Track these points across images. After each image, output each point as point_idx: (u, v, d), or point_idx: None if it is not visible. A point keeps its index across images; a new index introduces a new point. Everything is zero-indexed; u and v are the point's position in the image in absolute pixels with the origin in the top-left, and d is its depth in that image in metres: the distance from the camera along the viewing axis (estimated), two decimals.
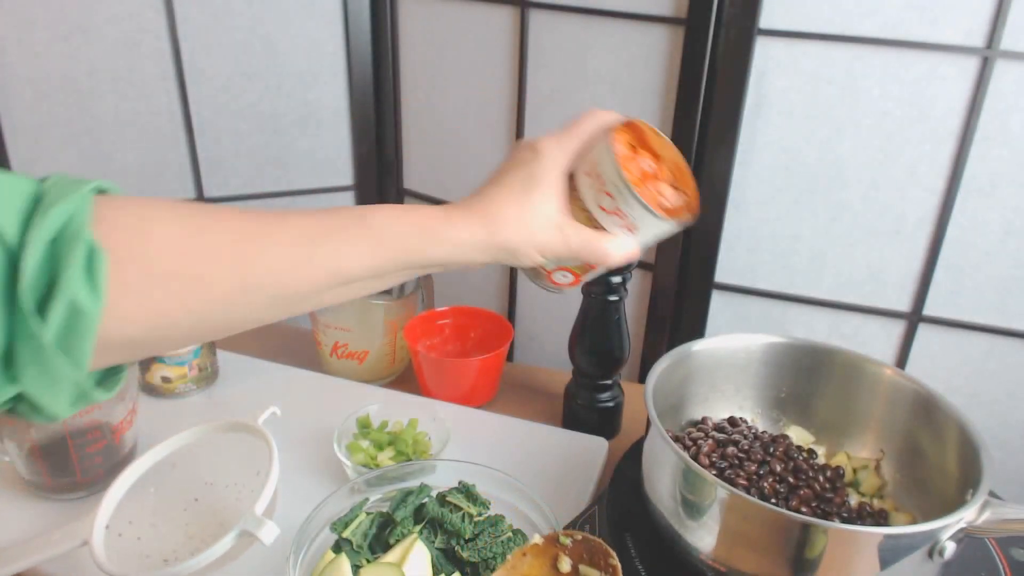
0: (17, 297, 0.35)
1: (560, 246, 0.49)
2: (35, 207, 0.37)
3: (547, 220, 0.49)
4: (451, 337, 0.94)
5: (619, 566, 0.48)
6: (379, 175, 1.21)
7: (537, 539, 0.51)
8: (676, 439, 0.65)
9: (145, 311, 0.40)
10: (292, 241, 0.44)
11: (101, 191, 0.41)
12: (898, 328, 0.94)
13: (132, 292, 0.39)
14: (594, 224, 0.49)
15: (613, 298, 0.77)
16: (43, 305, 0.36)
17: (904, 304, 0.92)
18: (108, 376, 0.42)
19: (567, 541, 0.50)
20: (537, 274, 0.54)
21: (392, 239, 0.46)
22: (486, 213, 0.48)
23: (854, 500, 0.62)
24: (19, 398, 0.38)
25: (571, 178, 0.50)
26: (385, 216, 0.46)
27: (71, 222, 0.37)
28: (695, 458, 0.62)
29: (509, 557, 0.50)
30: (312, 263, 0.44)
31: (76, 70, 1.03)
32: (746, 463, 0.62)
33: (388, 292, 0.98)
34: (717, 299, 1.00)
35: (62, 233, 0.37)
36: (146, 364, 0.83)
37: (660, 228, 0.49)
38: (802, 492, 0.60)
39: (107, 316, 0.38)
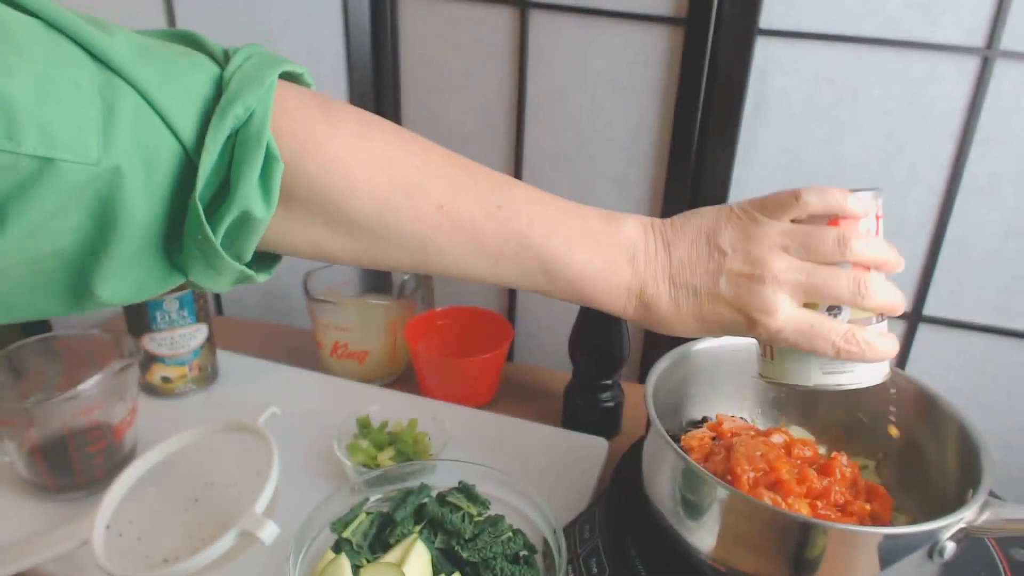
0: (191, 201, 0.35)
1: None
2: (215, 98, 0.36)
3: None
4: (451, 337, 0.94)
5: None
6: None
7: None
8: (676, 439, 0.65)
9: (314, 247, 0.42)
10: (478, 252, 0.43)
11: (289, 76, 0.41)
12: (898, 328, 0.94)
13: (310, 232, 0.41)
14: None
15: None
16: (214, 207, 0.36)
17: (904, 304, 0.92)
18: (267, 258, 0.43)
19: None
20: None
21: (567, 288, 0.46)
22: (659, 321, 0.47)
23: None
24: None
25: None
26: (577, 271, 0.45)
27: (253, 120, 0.36)
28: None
29: None
30: (483, 272, 0.45)
31: None
32: None
33: (388, 292, 0.98)
34: None
35: (242, 131, 0.36)
36: (146, 364, 0.83)
37: None
38: None
39: (280, 236, 0.40)
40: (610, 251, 0.46)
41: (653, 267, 0.46)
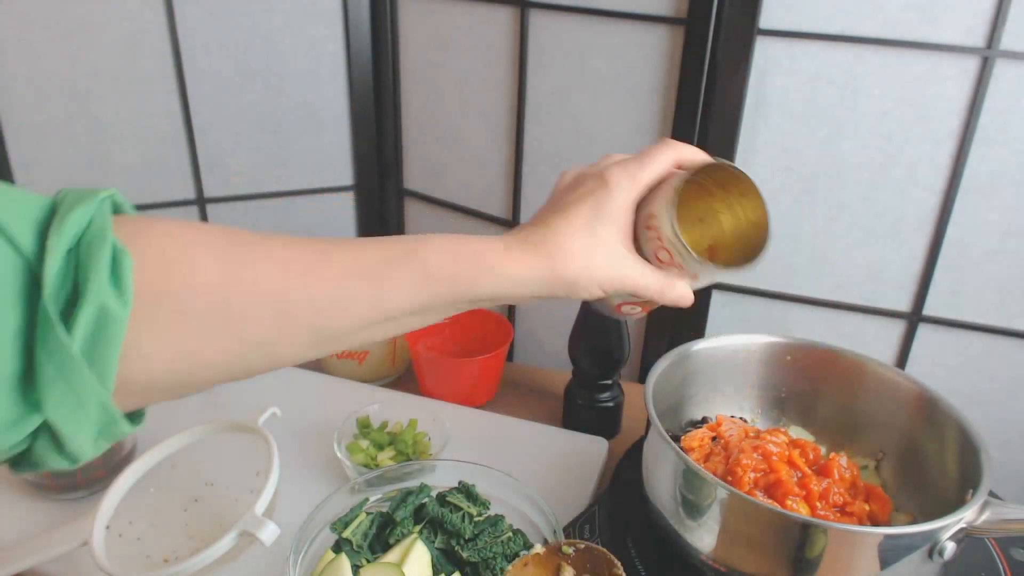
0: (40, 308, 0.33)
1: (621, 284, 0.48)
2: (51, 215, 0.35)
3: (612, 256, 0.47)
4: (451, 337, 0.94)
5: None
6: (379, 175, 1.21)
7: (538, 548, 0.50)
8: (676, 439, 0.65)
9: (174, 351, 0.38)
10: (337, 275, 0.42)
11: (114, 199, 0.39)
12: (898, 328, 0.94)
13: (163, 331, 0.37)
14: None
15: None
16: (67, 313, 0.34)
17: (904, 304, 0.92)
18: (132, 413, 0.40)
19: (570, 550, 0.50)
20: (604, 304, 0.53)
21: (442, 274, 0.44)
22: (548, 246, 0.47)
23: None
24: (38, 435, 0.35)
25: (638, 209, 0.49)
26: (437, 249, 0.45)
27: (92, 225, 0.36)
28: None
29: (510, 568, 0.50)
30: (356, 300, 0.43)
31: (76, 70, 1.03)
32: None
33: None
34: (717, 299, 1.00)
35: (84, 237, 0.35)
36: None
37: (720, 276, 0.49)
38: None
39: (132, 355, 0.36)
40: (492, 241, 0.47)
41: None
